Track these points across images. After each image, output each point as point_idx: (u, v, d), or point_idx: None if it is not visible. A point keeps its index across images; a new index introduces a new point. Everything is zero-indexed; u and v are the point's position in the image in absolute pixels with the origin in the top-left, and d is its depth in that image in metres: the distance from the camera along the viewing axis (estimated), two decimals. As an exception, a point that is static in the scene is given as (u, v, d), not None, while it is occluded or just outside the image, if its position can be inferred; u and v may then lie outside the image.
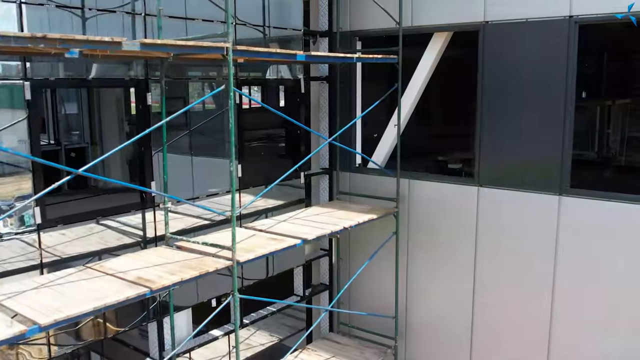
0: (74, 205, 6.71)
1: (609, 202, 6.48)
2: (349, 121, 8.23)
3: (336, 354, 7.84)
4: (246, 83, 7.64)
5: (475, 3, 7.03)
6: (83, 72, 6.10)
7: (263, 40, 8.21)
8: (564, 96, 6.58)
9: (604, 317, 6.62)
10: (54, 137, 8.98)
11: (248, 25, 7.40)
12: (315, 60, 7.20)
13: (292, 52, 6.12)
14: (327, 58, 6.84)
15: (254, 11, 8.14)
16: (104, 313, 6.45)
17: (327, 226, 6.88)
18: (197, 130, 7.40)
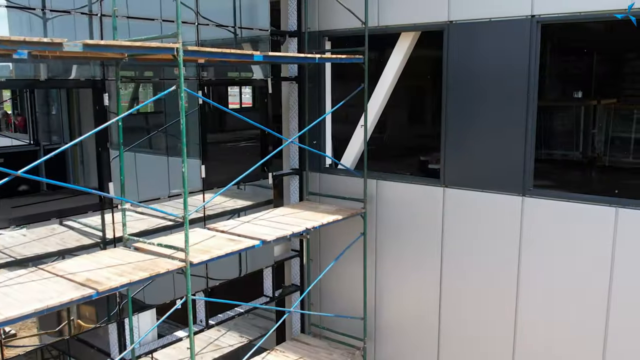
0: (38, 205, 6.72)
1: (570, 203, 6.43)
2: (319, 123, 8.22)
3: (304, 356, 7.81)
4: (210, 83, 7.60)
5: (440, 3, 6.99)
6: (61, 73, 6.16)
7: (234, 40, 8.22)
8: (526, 96, 6.53)
9: (567, 316, 6.58)
10: (33, 138, 9.00)
11: (212, 25, 7.35)
12: (275, 60, 7.16)
13: (248, 52, 6.07)
14: (286, 58, 6.80)
15: (225, 12, 8.17)
16: (70, 313, 6.51)
17: (289, 227, 6.85)
18: (169, 131, 7.42)
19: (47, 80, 6.01)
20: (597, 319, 6.38)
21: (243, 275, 7.91)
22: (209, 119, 7.87)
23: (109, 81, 6.29)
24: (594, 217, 6.28)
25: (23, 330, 6.21)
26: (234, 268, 8.14)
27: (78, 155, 6.88)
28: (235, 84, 8.56)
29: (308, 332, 8.65)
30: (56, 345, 7.25)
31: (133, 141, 7.14)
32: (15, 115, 10.88)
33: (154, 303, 7.01)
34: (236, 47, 8.12)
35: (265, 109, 7.92)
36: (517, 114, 6.60)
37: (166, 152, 7.55)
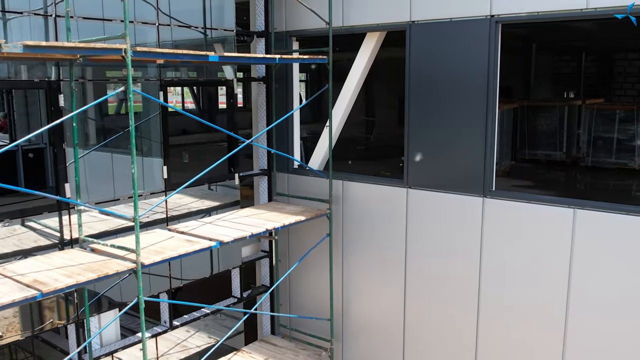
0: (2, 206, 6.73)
1: (530, 204, 6.40)
2: (285, 122, 8.20)
3: (270, 357, 7.80)
4: (172, 84, 7.59)
5: (402, 3, 6.96)
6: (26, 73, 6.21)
7: (204, 41, 8.22)
8: (486, 97, 6.49)
9: (527, 315, 6.56)
10: (12, 138, 9.03)
11: (173, 26, 7.34)
12: (230, 61, 7.14)
13: (201, 53, 6.05)
14: (243, 59, 6.77)
15: (195, 12, 8.17)
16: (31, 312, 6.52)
17: (249, 228, 6.83)
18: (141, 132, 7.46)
19: (2, 82, 6.00)
20: (556, 317, 6.35)
21: (210, 276, 7.89)
22: (175, 120, 7.88)
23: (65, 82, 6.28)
24: (553, 218, 6.25)
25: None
26: (205, 268, 8.16)
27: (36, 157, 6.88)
28: (200, 84, 8.53)
29: (277, 333, 8.63)
30: (21, 345, 7.29)
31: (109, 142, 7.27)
32: (2, 116, 10.97)
33: (120, 302, 7.02)
34: (206, 48, 8.14)
35: (231, 110, 7.90)
36: (476, 115, 6.57)
37: (141, 153, 7.58)
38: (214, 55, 6.08)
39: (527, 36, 14.90)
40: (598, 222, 6.00)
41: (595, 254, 6.05)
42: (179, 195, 8.16)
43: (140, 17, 7.32)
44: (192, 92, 16.97)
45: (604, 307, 6.06)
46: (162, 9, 7.70)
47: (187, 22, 7.94)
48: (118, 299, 7.03)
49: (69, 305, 6.58)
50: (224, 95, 15.26)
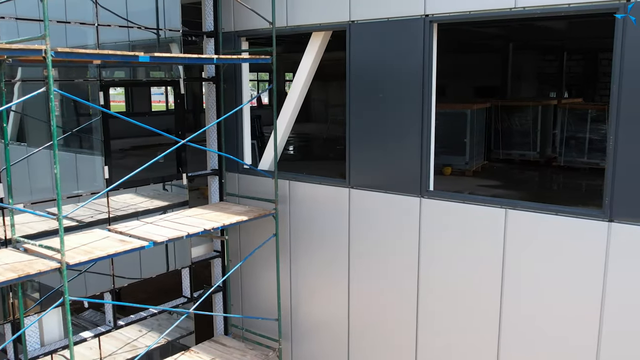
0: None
1: (464, 204, 6.37)
2: (235, 122, 8.21)
3: (217, 357, 7.80)
4: (112, 84, 7.60)
5: (342, 2, 6.95)
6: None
7: (157, 41, 8.23)
8: (421, 97, 6.47)
9: (464, 313, 6.55)
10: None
11: (113, 26, 7.35)
12: (163, 61, 7.12)
13: (131, 53, 6.05)
14: (177, 59, 6.77)
15: (148, 12, 8.19)
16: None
17: (188, 228, 6.84)
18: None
19: None
20: (491, 314, 6.34)
21: (156, 276, 7.91)
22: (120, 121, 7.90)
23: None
24: (486, 218, 6.23)
25: None
26: (161, 266, 8.20)
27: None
28: (144, 84, 8.54)
29: (229, 334, 8.64)
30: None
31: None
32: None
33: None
34: (159, 48, 8.16)
35: (178, 110, 7.91)
36: (413, 116, 6.55)
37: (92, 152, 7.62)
38: (144, 55, 6.08)
39: (506, 36, 14.87)
40: (528, 221, 5.98)
41: (525, 252, 6.03)
42: (131, 195, 8.20)
43: (86, 18, 7.35)
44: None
45: (535, 304, 6.04)
46: (112, 10, 7.77)
47: (139, 23, 7.98)
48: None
49: (5, 305, 6.61)
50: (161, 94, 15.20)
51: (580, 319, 5.77)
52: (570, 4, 5.51)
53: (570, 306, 5.82)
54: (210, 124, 7.21)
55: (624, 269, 5.49)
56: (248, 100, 7.60)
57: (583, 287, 5.72)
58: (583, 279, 5.71)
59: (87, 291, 7.46)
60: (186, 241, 8.42)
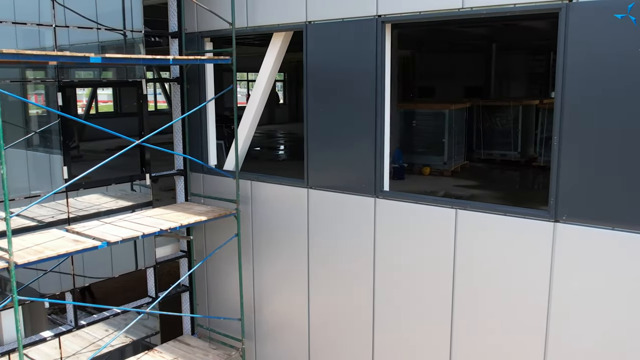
0: None
1: (417, 204, 6.38)
2: (199, 122, 8.23)
3: (180, 356, 7.83)
4: (72, 85, 7.63)
5: (299, 3, 6.96)
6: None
7: (124, 42, 8.27)
8: (374, 97, 6.47)
9: (416, 310, 6.58)
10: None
11: (72, 27, 7.38)
12: (115, 62, 7.14)
13: (81, 55, 6.07)
14: (130, 60, 6.80)
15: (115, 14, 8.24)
16: None
17: (145, 228, 6.86)
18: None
19: None
20: (443, 312, 6.35)
21: (118, 275, 7.95)
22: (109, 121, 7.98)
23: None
24: (437, 217, 6.24)
25: None
26: (129, 265, 8.26)
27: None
28: (104, 85, 8.55)
29: (194, 333, 8.66)
30: None
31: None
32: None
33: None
34: (126, 49, 8.19)
35: (140, 110, 7.94)
36: (367, 116, 6.56)
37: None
38: (96, 56, 6.11)
39: (490, 36, 14.86)
40: (477, 221, 5.98)
41: (475, 251, 6.03)
42: (97, 195, 8.24)
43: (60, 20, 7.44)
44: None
45: (485, 302, 6.04)
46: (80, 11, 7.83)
47: (108, 25, 8.03)
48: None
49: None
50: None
51: (528, 317, 5.77)
52: (516, 4, 5.51)
53: (518, 305, 5.82)
54: (167, 124, 7.23)
55: (568, 268, 5.49)
56: (209, 99, 7.61)
57: (530, 286, 5.72)
58: (530, 278, 5.71)
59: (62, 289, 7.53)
60: (153, 241, 8.46)
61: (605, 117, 5.14)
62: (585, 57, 5.19)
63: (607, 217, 5.23)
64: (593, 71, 5.16)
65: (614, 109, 5.09)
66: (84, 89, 21.23)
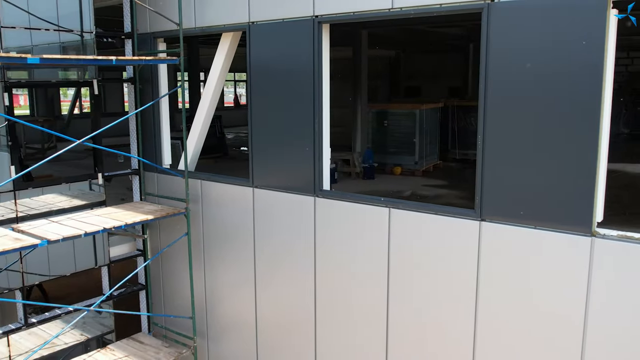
0: None
1: (353, 203, 6.42)
2: (153, 122, 8.30)
3: (130, 354, 7.89)
4: (18, 85, 7.71)
5: (243, 4, 7.01)
6: None
7: (81, 44, 8.36)
8: (312, 97, 6.52)
9: (354, 310, 6.62)
10: None
11: (18, 28, 7.46)
12: (55, 62, 7.19)
13: (17, 55, 6.14)
14: (71, 60, 6.86)
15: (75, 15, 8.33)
16: None
17: (89, 227, 6.93)
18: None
19: None
20: (379, 310, 6.39)
21: (70, 274, 8.03)
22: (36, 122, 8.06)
23: None
24: (372, 216, 6.28)
25: None
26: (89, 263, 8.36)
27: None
28: (53, 85, 8.63)
29: (150, 332, 8.73)
30: None
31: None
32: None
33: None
34: (84, 50, 8.28)
35: (94, 111, 8.02)
36: (306, 116, 6.60)
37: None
38: (33, 57, 6.17)
39: (467, 36, 14.85)
40: (409, 220, 6.02)
41: (407, 249, 6.07)
42: (54, 195, 8.33)
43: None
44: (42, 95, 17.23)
45: (418, 299, 6.09)
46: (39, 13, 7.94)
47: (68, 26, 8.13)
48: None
49: None
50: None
51: (457, 312, 5.80)
52: (442, 4, 5.54)
53: (449, 301, 5.86)
54: (111, 124, 7.30)
55: (493, 265, 5.52)
56: (157, 98, 7.67)
57: (459, 283, 5.75)
58: (458, 275, 5.74)
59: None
60: (111, 239, 8.55)
61: (524, 118, 5.18)
62: (506, 57, 5.22)
63: (529, 216, 5.26)
64: (513, 71, 5.19)
65: (532, 110, 5.12)
66: (68, 89, 21.45)
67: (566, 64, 4.92)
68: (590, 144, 4.89)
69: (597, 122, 4.85)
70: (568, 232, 5.09)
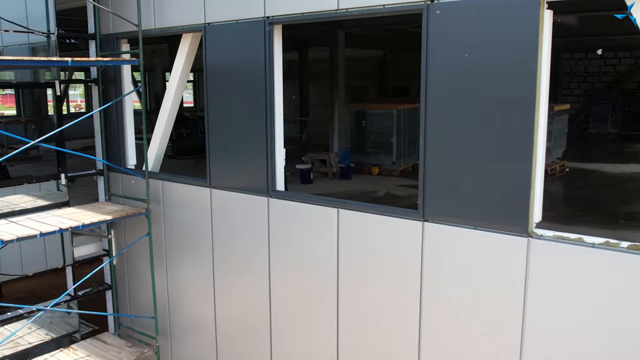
0: None
1: (304, 204, 6.44)
2: (117, 122, 8.34)
3: (93, 354, 7.92)
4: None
5: (198, 5, 7.04)
6: None
7: (48, 45, 8.40)
8: (264, 98, 6.53)
9: (305, 311, 6.67)
10: None
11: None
12: (7, 64, 7.24)
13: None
14: (22, 62, 6.89)
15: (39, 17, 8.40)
16: None
17: (46, 227, 6.96)
18: None
19: None
20: (329, 310, 6.42)
21: (33, 274, 8.08)
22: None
23: None
24: (322, 216, 6.29)
25: None
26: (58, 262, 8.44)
27: None
28: (12, 86, 8.68)
29: (114, 332, 8.77)
30: None
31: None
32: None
33: None
34: (49, 51, 8.33)
35: (56, 112, 8.06)
36: (258, 117, 6.62)
37: None
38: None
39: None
40: (357, 220, 6.04)
41: (355, 249, 6.09)
42: (20, 195, 8.39)
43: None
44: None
45: (365, 298, 6.11)
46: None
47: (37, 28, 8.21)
48: None
49: None
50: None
51: (403, 310, 5.81)
52: (385, 5, 5.55)
53: (395, 300, 5.87)
54: (68, 124, 7.34)
55: (436, 265, 5.52)
56: (109, 103, 7.71)
57: (405, 282, 5.76)
58: (404, 274, 5.75)
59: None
60: (77, 239, 8.60)
61: (463, 118, 5.18)
62: (445, 57, 5.22)
63: (470, 216, 5.26)
64: (452, 71, 5.19)
65: (470, 110, 5.13)
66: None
67: (502, 63, 4.92)
68: (525, 145, 4.89)
69: (531, 123, 4.84)
70: (506, 232, 5.09)
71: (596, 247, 4.73)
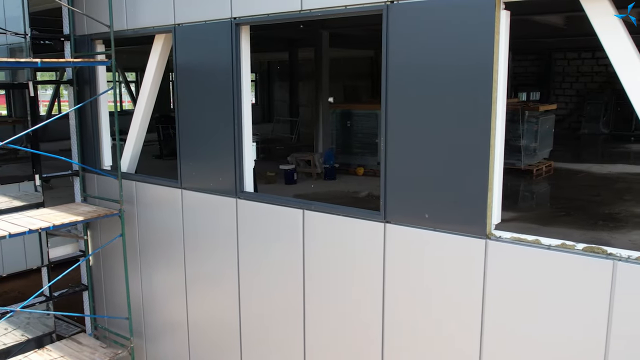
0: None
1: (270, 205, 6.42)
2: (92, 123, 8.34)
3: (67, 354, 7.92)
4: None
5: (167, 6, 7.03)
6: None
7: (25, 45, 8.41)
8: (232, 99, 6.52)
9: (274, 312, 6.64)
10: None
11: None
12: None
13: None
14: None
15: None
16: None
17: (16, 227, 6.97)
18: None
19: None
20: (296, 310, 6.41)
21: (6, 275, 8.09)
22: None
23: None
24: (288, 217, 6.28)
25: None
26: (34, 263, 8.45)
27: None
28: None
29: (90, 333, 8.77)
30: None
31: None
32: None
33: None
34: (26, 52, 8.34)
35: (34, 115, 8.07)
36: (226, 118, 6.61)
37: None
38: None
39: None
40: (321, 221, 6.02)
41: (320, 250, 6.09)
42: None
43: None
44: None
45: (330, 299, 6.09)
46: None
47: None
48: None
49: None
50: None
51: (366, 310, 5.79)
52: (347, 6, 5.53)
53: (358, 301, 5.86)
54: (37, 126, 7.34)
55: (397, 266, 5.50)
56: (81, 104, 7.71)
57: (368, 283, 5.74)
58: (367, 275, 5.73)
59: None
60: (54, 240, 8.61)
61: (421, 119, 5.16)
62: (404, 57, 5.20)
63: (431, 218, 5.23)
64: (410, 72, 5.17)
65: (428, 111, 5.10)
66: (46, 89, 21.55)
67: (459, 64, 4.90)
68: (482, 146, 4.86)
69: (487, 125, 4.82)
70: (465, 234, 5.07)
71: (552, 249, 4.70)
